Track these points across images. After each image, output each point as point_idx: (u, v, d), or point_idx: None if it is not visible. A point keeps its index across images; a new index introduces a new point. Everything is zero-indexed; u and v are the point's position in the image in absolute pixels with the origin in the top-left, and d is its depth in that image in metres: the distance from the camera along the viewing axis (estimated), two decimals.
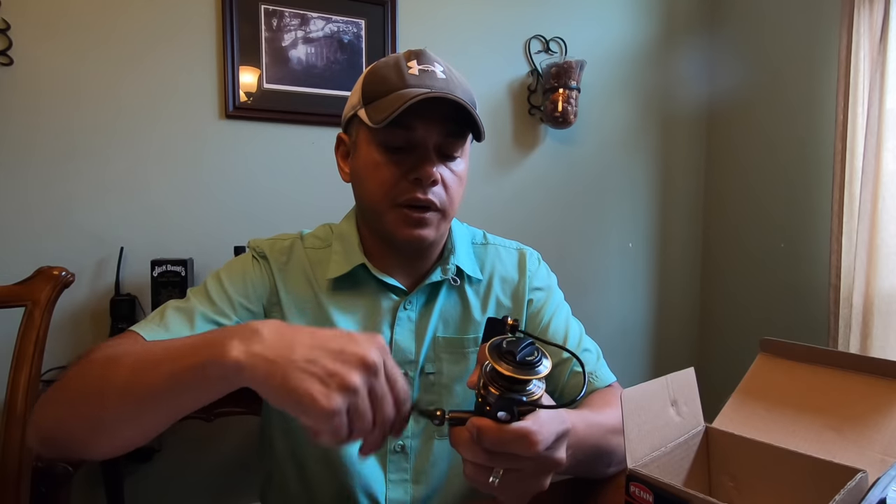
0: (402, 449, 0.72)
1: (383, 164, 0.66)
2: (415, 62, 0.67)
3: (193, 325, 0.65)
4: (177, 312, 0.67)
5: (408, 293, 0.74)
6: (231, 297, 0.70)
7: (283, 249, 0.76)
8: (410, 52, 0.70)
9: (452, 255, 0.76)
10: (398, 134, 0.65)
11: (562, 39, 2.22)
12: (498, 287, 0.79)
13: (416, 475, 0.72)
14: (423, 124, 0.65)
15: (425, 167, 0.65)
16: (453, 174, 0.69)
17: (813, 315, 2.09)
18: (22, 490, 0.81)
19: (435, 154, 0.67)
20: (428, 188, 0.66)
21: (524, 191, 2.22)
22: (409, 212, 0.66)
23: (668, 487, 0.47)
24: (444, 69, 0.69)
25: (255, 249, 0.76)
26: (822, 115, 2.06)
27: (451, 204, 0.69)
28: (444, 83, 0.66)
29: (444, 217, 0.69)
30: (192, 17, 1.70)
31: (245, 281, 0.72)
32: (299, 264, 0.75)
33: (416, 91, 0.63)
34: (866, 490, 0.48)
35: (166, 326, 0.64)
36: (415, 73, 0.66)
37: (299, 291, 0.73)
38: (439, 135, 0.66)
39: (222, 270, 0.73)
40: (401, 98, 0.62)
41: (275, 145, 1.82)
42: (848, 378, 0.60)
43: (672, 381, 0.58)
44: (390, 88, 0.65)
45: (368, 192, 0.69)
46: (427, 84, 0.65)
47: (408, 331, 0.73)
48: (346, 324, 0.72)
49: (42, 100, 1.56)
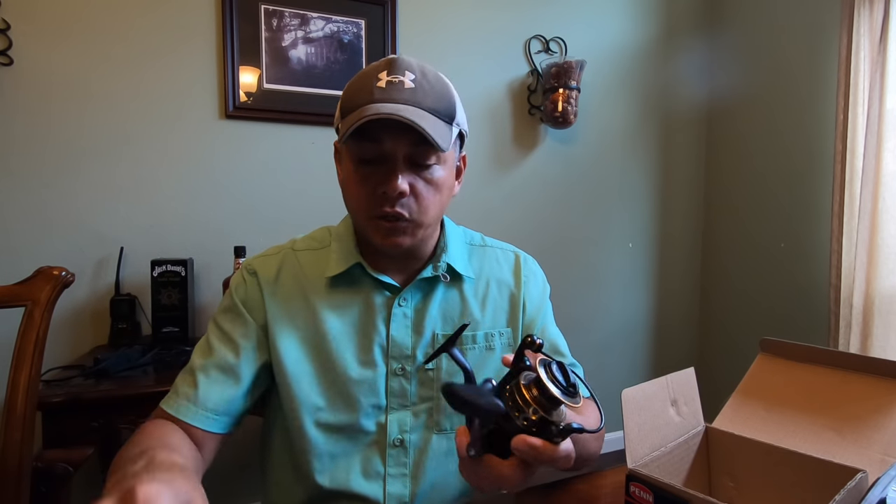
0: (400, 443, 0.73)
1: (357, 178, 0.69)
2: (385, 73, 0.68)
3: (209, 380, 0.71)
4: (191, 377, 0.71)
5: (401, 289, 0.75)
6: (230, 338, 0.73)
7: (274, 263, 0.78)
8: (387, 60, 0.70)
9: (445, 253, 0.78)
10: (369, 148, 0.67)
11: (562, 39, 2.22)
12: (494, 288, 0.81)
13: (415, 470, 0.73)
14: (391, 136, 0.66)
15: (391, 182, 0.66)
16: (427, 183, 0.69)
17: (813, 315, 2.09)
18: (22, 490, 0.82)
19: (406, 164, 0.68)
20: (395, 200, 0.67)
21: (524, 190, 2.22)
22: (382, 222, 0.69)
23: (668, 487, 0.47)
24: (415, 77, 0.68)
25: (246, 268, 0.78)
26: (822, 115, 2.06)
27: (425, 213, 0.70)
28: (411, 94, 0.66)
29: (418, 226, 0.70)
30: (193, 18, 1.70)
31: (235, 313, 0.75)
32: (290, 272, 0.77)
33: (377, 108, 0.64)
34: (866, 490, 0.48)
35: (187, 396, 0.70)
36: (382, 85, 0.67)
37: (290, 302, 0.75)
38: (407, 146, 0.67)
39: (217, 314, 0.76)
40: (360, 115, 0.64)
41: (275, 145, 1.82)
42: (848, 378, 0.60)
43: (672, 381, 0.58)
44: (359, 102, 0.66)
45: (348, 203, 0.73)
46: (391, 97, 0.66)
47: (403, 326, 0.75)
48: (340, 322, 0.74)
49: (42, 100, 1.56)
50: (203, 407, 0.68)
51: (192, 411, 0.68)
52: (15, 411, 0.81)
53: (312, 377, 0.72)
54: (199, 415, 0.68)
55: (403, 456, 0.73)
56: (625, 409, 0.51)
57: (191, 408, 0.68)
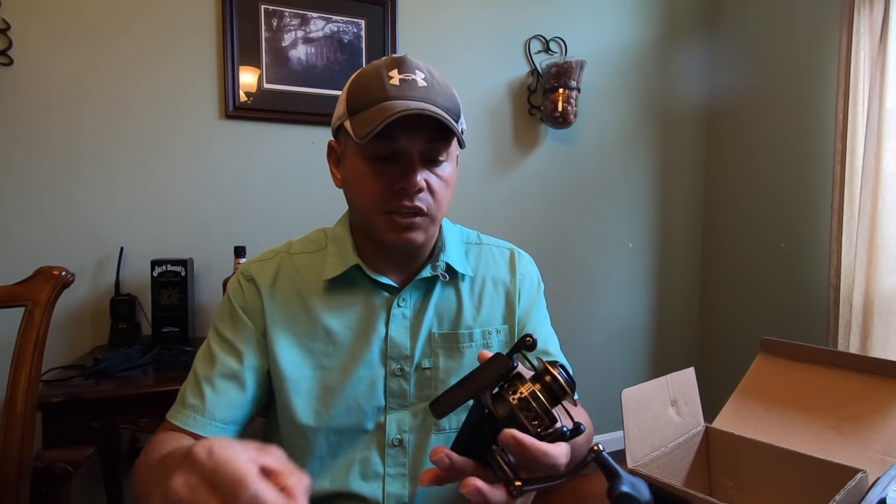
0: (399, 443, 0.73)
1: (371, 176, 0.69)
2: (395, 71, 0.69)
3: (215, 390, 0.70)
4: (197, 387, 0.71)
5: (400, 290, 0.75)
6: (232, 344, 0.73)
7: (270, 267, 0.78)
8: (392, 59, 0.71)
9: (443, 252, 0.78)
10: (383, 145, 0.67)
11: (562, 39, 2.22)
12: (490, 285, 0.81)
13: (414, 470, 0.73)
14: (406, 135, 0.67)
15: (410, 177, 0.67)
16: (439, 179, 0.71)
17: (813, 315, 2.09)
18: (22, 490, 0.82)
19: (420, 161, 0.69)
20: (414, 196, 0.68)
21: (524, 190, 2.22)
22: (397, 218, 0.69)
23: (668, 487, 0.47)
24: (425, 76, 0.70)
25: (243, 274, 0.78)
26: (822, 115, 2.06)
27: (439, 208, 0.72)
28: (425, 92, 0.68)
29: (432, 221, 0.72)
30: (193, 18, 1.70)
31: (235, 318, 0.75)
32: (287, 276, 0.77)
33: (397, 105, 0.64)
34: (866, 490, 0.48)
35: (195, 408, 0.69)
36: (395, 83, 0.67)
37: (287, 305, 0.75)
38: (422, 143, 0.68)
39: (217, 321, 0.76)
40: (381, 112, 0.64)
41: (275, 145, 1.82)
42: (848, 378, 0.60)
43: (672, 381, 0.58)
44: (372, 101, 0.67)
45: (358, 201, 0.72)
46: (407, 95, 0.67)
47: (402, 327, 0.75)
48: (339, 324, 0.74)
49: (42, 100, 1.56)
50: (212, 417, 0.68)
51: (202, 422, 0.68)
52: (15, 411, 0.81)
53: (311, 380, 0.72)
54: (209, 425, 0.68)
55: (402, 456, 0.73)
56: (625, 409, 0.51)
57: (199, 419, 0.68)
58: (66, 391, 1.21)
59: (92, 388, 1.24)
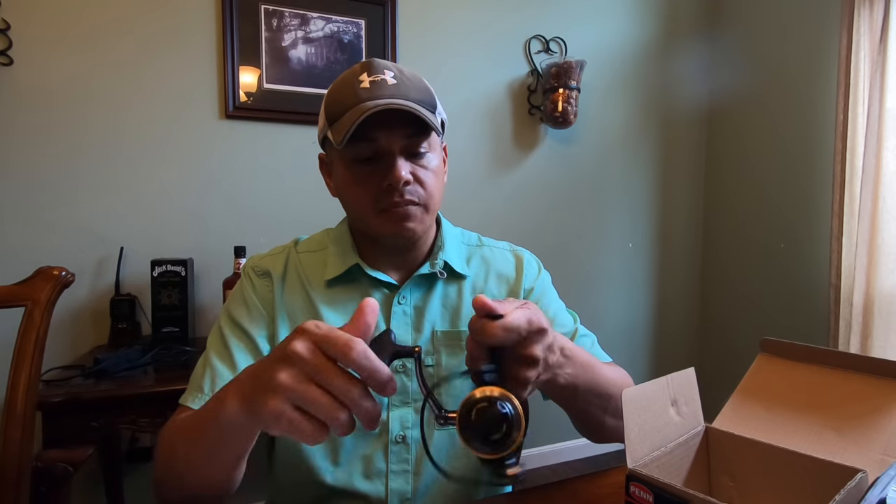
0: (402, 440, 0.74)
1: (358, 179, 0.71)
2: (365, 74, 0.70)
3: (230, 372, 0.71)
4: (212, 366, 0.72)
5: (399, 287, 0.77)
6: (246, 330, 0.74)
7: (280, 261, 0.80)
8: (362, 64, 0.73)
9: (441, 250, 0.79)
10: (364, 148, 0.69)
11: (562, 39, 2.22)
12: (493, 284, 0.82)
13: (417, 466, 0.74)
14: (385, 133, 0.68)
15: (394, 173, 0.68)
16: (426, 169, 0.72)
17: (813, 315, 2.09)
18: (22, 490, 0.82)
19: (403, 156, 0.70)
20: (403, 189, 0.69)
21: (524, 191, 2.22)
22: (392, 211, 0.70)
23: (668, 487, 0.47)
24: (394, 74, 0.71)
25: (255, 269, 0.79)
26: (822, 115, 2.06)
27: (431, 197, 0.73)
28: (395, 88, 0.69)
29: (426, 210, 0.73)
30: (193, 18, 1.70)
31: (249, 306, 0.76)
32: (294, 271, 0.79)
33: (368, 106, 0.66)
34: (866, 490, 0.48)
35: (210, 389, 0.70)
36: (366, 85, 0.69)
37: (294, 299, 0.77)
38: (401, 138, 0.69)
39: (230, 306, 0.77)
40: (354, 115, 0.66)
41: (275, 145, 1.82)
42: (848, 378, 0.60)
43: (672, 381, 0.58)
44: (346, 106, 0.69)
45: (352, 205, 0.74)
46: (378, 94, 0.68)
47: (404, 324, 0.76)
48: (340, 321, 0.74)
49: (42, 100, 1.56)
50: None
51: None
52: (15, 411, 0.81)
53: None
54: None
55: (405, 452, 0.73)
56: (625, 410, 0.51)
57: None
58: (66, 391, 1.21)
59: (92, 388, 1.24)
